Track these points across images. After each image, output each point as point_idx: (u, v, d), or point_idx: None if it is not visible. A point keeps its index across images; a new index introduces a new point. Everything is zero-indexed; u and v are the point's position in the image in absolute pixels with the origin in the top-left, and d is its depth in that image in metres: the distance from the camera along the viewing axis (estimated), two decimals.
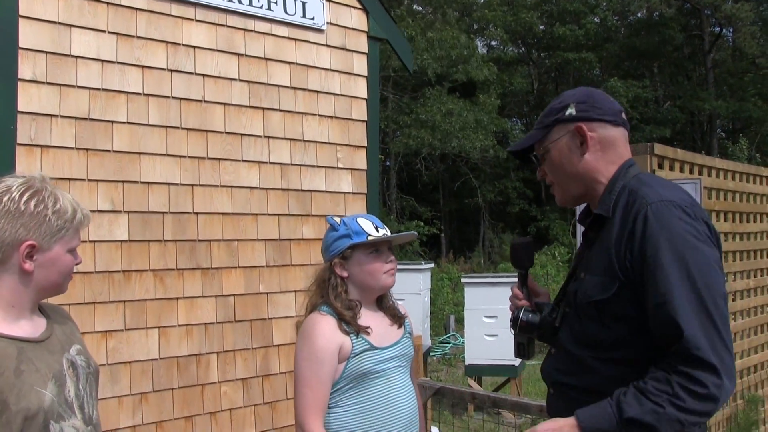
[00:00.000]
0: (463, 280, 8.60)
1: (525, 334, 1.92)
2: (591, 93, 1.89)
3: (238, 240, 4.00)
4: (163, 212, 3.72)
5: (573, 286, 1.83)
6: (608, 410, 1.61)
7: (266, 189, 4.14)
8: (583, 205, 1.97)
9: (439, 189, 29.51)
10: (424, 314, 8.55)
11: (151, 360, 3.67)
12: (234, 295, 3.96)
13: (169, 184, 3.74)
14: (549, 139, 1.87)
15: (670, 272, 1.60)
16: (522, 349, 2.00)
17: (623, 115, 1.90)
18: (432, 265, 9.66)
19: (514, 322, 1.91)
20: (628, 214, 1.71)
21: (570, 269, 1.95)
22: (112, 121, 3.57)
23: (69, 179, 3.39)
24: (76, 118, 3.44)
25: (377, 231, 2.27)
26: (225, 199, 3.95)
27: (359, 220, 2.29)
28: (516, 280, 2.03)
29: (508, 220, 28.85)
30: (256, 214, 4.09)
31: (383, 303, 2.37)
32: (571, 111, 1.84)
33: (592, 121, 1.83)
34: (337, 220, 2.31)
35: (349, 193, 4.50)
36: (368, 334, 2.22)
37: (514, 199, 27.86)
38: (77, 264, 1.87)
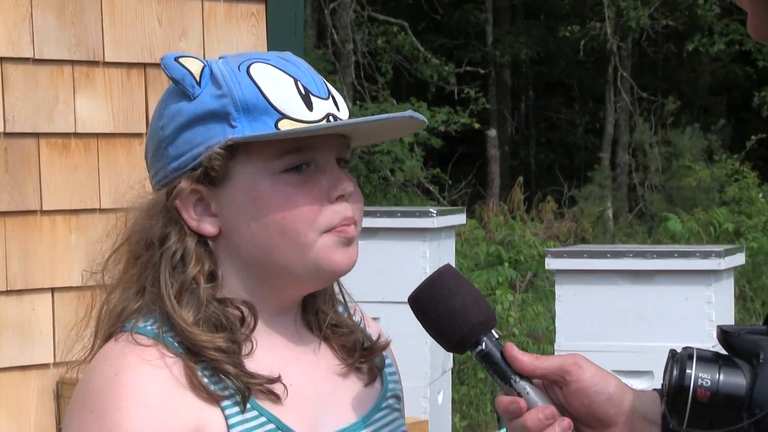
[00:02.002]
0: (549, 263, 7.72)
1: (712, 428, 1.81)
2: None
3: None
4: None
5: None
6: None
7: None
8: None
9: None
10: (432, 358, 7.75)
11: None
12: None
13: None
14: None
15: None
16: None
17: None
18: (462, 220, 8.55)
19: (675, 395, 1.87)
20: None
21: None
22: None
23: None
24: None
25: (308, 105, 2.09)
26: None
27: (255, 68, 2.13)
28: None
29: (696, 90, 21.26)
30: None
31: (319, 312, 2.24)
32: None
33: None
34: (193, 64, 2.14)
35: None
36: (276, 398, 2.04)
37: (718, 28, 19.83)
38: None
